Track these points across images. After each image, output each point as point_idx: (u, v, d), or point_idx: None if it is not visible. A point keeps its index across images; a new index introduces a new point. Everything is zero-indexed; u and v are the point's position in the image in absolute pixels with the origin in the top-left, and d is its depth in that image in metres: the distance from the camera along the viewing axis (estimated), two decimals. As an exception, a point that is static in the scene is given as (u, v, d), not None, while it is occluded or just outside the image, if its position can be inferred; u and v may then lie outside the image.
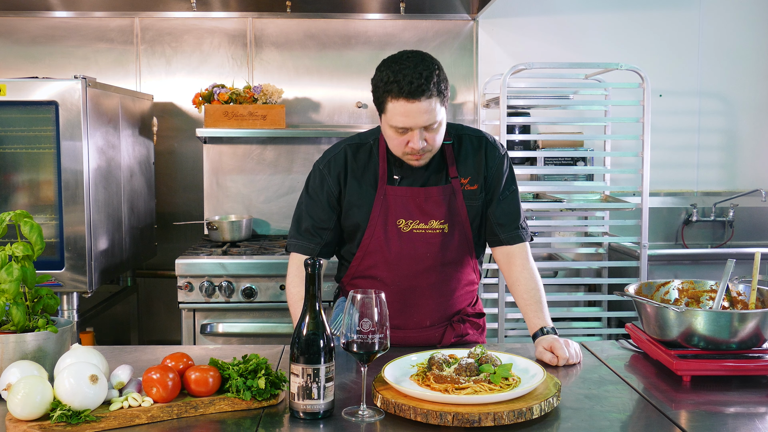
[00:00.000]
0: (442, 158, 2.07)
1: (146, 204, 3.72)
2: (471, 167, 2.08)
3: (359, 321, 1.50)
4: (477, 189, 2.07)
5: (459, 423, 1.43)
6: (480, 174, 2.08)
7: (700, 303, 1.97)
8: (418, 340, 2.09)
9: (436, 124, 1.91)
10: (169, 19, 3.87)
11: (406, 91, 1.85)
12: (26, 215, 1.73)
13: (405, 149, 1.95)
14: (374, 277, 2.07)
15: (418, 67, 1.86)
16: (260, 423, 1.50)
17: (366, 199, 2.05)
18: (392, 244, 2.03)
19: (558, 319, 3.59)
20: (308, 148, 3.92)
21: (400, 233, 2.03)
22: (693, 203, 3.99)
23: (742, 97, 4.07)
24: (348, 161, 2.08)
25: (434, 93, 1.86)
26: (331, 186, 2.07)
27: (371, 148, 2.09)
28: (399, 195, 2.04)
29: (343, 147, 2.10)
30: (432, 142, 1.94)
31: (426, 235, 2.03)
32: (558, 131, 3.89)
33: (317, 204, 2.08)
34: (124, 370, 1.57)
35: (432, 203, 2.04)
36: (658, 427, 1.49)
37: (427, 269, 2.05)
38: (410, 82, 1.84)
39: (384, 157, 2.06)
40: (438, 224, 2.04)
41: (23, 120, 2.95)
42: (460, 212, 2.06)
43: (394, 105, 1.88)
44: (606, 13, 3.99)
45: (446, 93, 1.92)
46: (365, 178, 2.06)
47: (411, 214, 2.03)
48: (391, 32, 3.91)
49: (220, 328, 3.20)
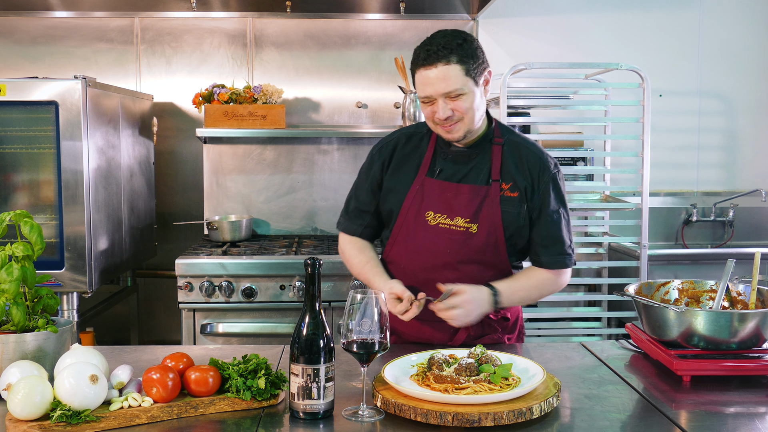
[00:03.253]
0: (487, 157, 2.05)
1: (146, 204, 3.72)
2: (516, 174, 2.03)
3: (359, 321, 1.50)
4: (517, 197, 2.02)
5: (459, 423, 1.43)
6: (525, 184, 2.03)
7: (700, 303, 1.97)
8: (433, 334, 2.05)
9: (458, 92, 1.90)
10: (169, 19, 3.87)
11: (422, 59, 1.90)
12: (26, 215, 1.73)
13: (434, 119, 1.96)
14: (395, 262, 2.10)
15: (441, 39, 1.91)
16: (260, 423, 1.50)
17: (403, 186, 2.07)
18: (418, 234, 2.04)
19: (558, 319, 3.59)
20: (308, 148, 3.92)
21: (426, 225, 2.04)
22: (693, 203, 3.99)
23: (742, 97, 4.07)
24: (397, 149, 2.12)
25: (453, 60, 1.88)
26: (376, 171, 2.12)
27: (423, 137, 2.12)
28: (434, 187, 2.04)
29: (398, 134, 2.15)
30: (460, 112, 1.93)
31: (450, 230, 2.02)
32: (558, 131, 3.89)
33: (363, 187, 2.15)
34: (124, 370, 1.57)
35: (461, 200, 2.02)
36: (658, 427, 1.49)
37: (445, 265, 2.03)
38: (427, 50, 1.89)
39: (432, 148, 2.08)
40: (463, 222, 2.01)
41: (23, 120, 2.95)
42: (494, 215, 2.01)
43: (418, 76, 1.94)
44: (606, 13, 3.99)
45: (474, 64, 1.91)
46: (407, 166, 2.09)
47: (439, 207, 2.03)
48: (391, 32, 3.91)
49: (220, 328, 3.20)
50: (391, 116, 3.95)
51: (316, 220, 3.96)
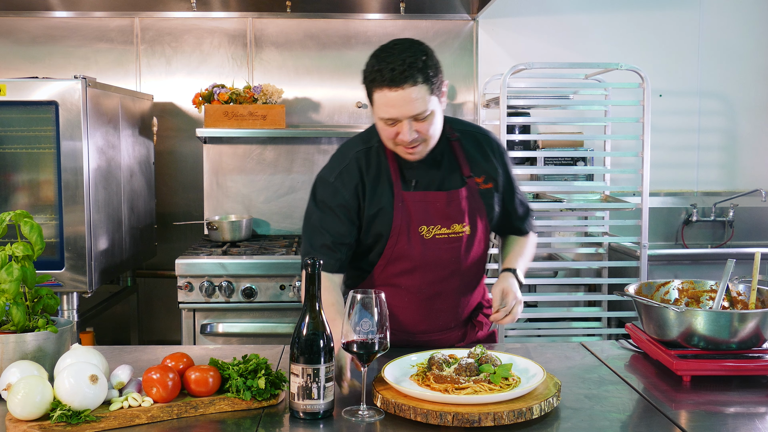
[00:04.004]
0: (453, 156, 2.01)
1: (146, 204, 3.72)
2: (483, 165, 2.02)
3: (359, 321, 1.50)
4: (492, 188, 2.02)
5: (459, 423, 1.43)
6: (493, 171, 2.03)
7: (700, 303, 1.97)
8: (443, 343, 2.05)
9: (425, 113, 1.80)
10: (169, 19, 3.87)
11: (388, 79, 1.76)
12: (26, 215, 1.73)
13: (396, 140, 1.86)
14: (397, 285, 1.98)
15: (402, 54, 1.77)
16: (260, 423, 1.49)
17: (387, 207, 1.94)
18: (415, 251, 1.95)
19: (558, 319, 3.59)
20: (308, 148, 3.92)
21: (423, 240, 1.94)
22: (693, 203, 3.99)
23: (742, 97, 4.06)
24: (362, 170, 1.95)
25: (420, 80, 1.76)
26: (347, 199, 1.94)
27: (377, 150, 1.98)
28: (417, 200, 1.94)
29: (353, 156, 1.97)
30: (424, 133, 1.84)
31: (449, 239, 1.96)
32: (558, 131, 3.89)
33: (332, 218, 1.95)
34: (124, 370, 1.57)
35: (455, 207, 1.96)
36: (658, 427, 1.49)
37: (452, 273, 1.99)
38: (392, 69, 1.75)
39: (393, 159, 1.96)
40: (460, 227, 1.97)
41: (23, 120, 2.95)
42: (481, 212, 2.00)
43: (379, 95, 1.79)
44: (606, 13, 3.99)
45: (436, 81, 1.81)
46: (381, 186, 1.95)
47: (432, 219, 1.95)
48: (391, 32, 3.91)
49: (220, 328, 3.20)
50: (391, 116, 3.94)
51: (316, 220, 3.95)
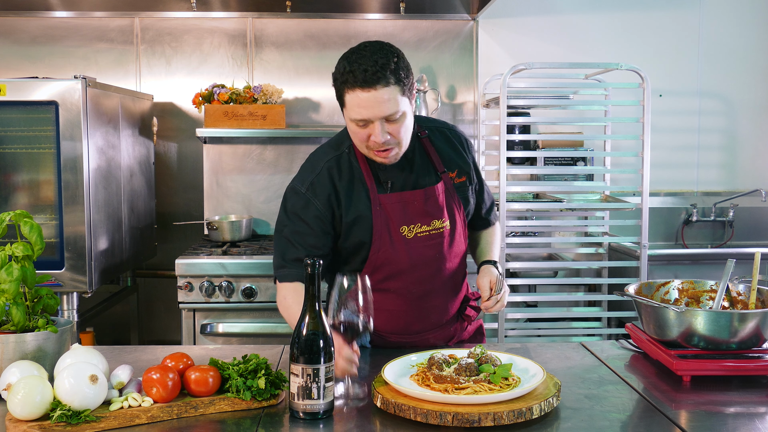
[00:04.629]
0: (424, 154, 2.04)
1: (146, 204, 3.72)
2: (455, 159, 2.07)
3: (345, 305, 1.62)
4: (465, 181, 2.08)
5: (459, 423, 1.43)
6: (465, 165, 2.09)
7: (700, 303, 1.97)
8: (438, 339, 2.09)
9: (397, 114, 1.82)
10: (169, 19, 3.87)
11: (360, 80, 1.78)
12: (26, 215, 1.73)
13: (368, 143, 1.87)
14: (386, 289, 1.98)
15: (374, 56, 1.80)
16: (260, 423, 1.50)
17: (365, 213, 1.95)
18: (401, 254, 1.96)
19: (558, 319, 3.59)
20: (308, 148, 3.90)
21: (405, 240, 1.96)
22: (693, 203, 3.99)
23: (742, 97, 4.06)
24: (334, 180, 1.96)
25: (392, 81, 1.79)
26: (320, 210, 1.94)
27: (347, 156, 1.99)
28: (395, 201, 1.96)
29: (324, 165, 1.98)
30: (396, 135, 1.86)
31: (431, 236, 1.99)
32: (558, 131, 3.89)
33: (305, 230, 1.94)
34: (124, 370, 1.57)
35: (432, 203, 2.00)
36: (658, 427, 1.49)
37: (439, 270, 2.03)
38: (365, 71, 1.78)
39: (364, 163, 1.97)
40: (440, 223, 2.01)
41: (23, 120, 2.95)
42: (458, 206, 2.05)
43: (351, 96, 1.81)
44: (606, 13, 3.99)
45: (407, 82, 1.84)
46: (356, 193, 1.96)
47: (411, 218, 1.97)
48: (391, 32, 3.91)
49: (220, 328, 3.20)
50: (391, 116, 3.94)
51: (316, 220, 3.95)
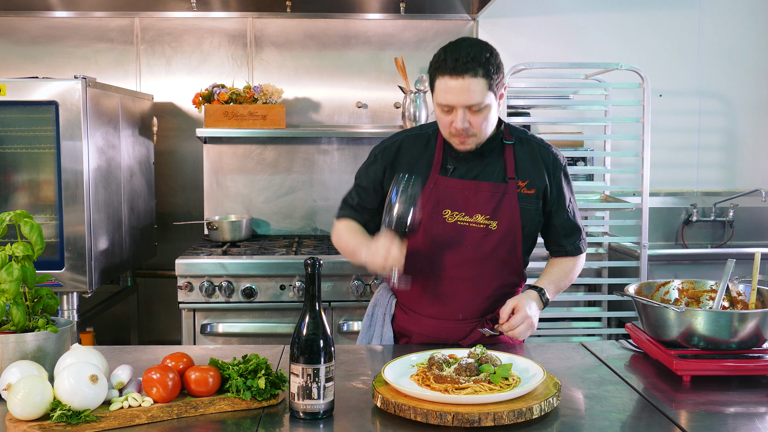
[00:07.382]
0: (500, 156, 2.09)
1: (146, 204, 3.72)
2: (531, 172, 2.09)
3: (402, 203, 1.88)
4: (534, 194, 2.08)
5: (459, 423, 1.43)
6: (540, 181, 2.09)
7: (700, 303, 1.97)
8: (450, 333, 2.09)
9: (480, 105, 1.92)
10: (169, 19, 3.87)
11: (450, 68, 1.90)
12: (26, 215, 1.73)
13: (450, 129, 1.97)
14: (413, 260, 2.05)
15: (468, 48, 1.91)
16: (260, 423, 1.50)
17: None
18: (435, 233, 2.05)
19: (558, 319, 3.59)
20: (308, 148, 3.92)
21: (444, 223, 2.05)
22: (693, 203, 3.99)
23: (742, 97, 4.07)
24: (402, 152, 2.12)
25: (480, 73, 1.89)
26: (377, 171, 2.13)
27: (429, 138, 2.13)
28: (449, 186, 2.06)
29: (402, 138, 2.16)
30: (476, 126, 1.96)
31: (469, 228, 2.04)
32: (558, 131, 3.89)
33: (364, 184, 2.17)
34: (124, 370, 1.57)
35: (481, 197, 2.04)
36: (658, 427, 1.49)
37: (465, 261, 2.05)
38: (456, 59, 1.89)
39: (441, 147, 2.09)
40: (483, 219, 2.04)
41: (23, 120, 2.95)
42: (513, 213, 2.05)
43: (440, 82, 1.93)
44: (606, 13, 3.99)
45: (496, 78, 1.94)
46: (418, 167, 2.08)
47: (458, 205, 2.05)
48: (391, 32, 3.91)
49: (220, 328, 3.20)
50: (391, 116, 3.95)
51: (316, 220, 3.96)
